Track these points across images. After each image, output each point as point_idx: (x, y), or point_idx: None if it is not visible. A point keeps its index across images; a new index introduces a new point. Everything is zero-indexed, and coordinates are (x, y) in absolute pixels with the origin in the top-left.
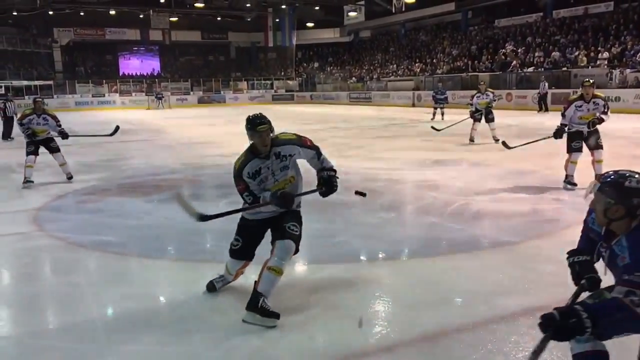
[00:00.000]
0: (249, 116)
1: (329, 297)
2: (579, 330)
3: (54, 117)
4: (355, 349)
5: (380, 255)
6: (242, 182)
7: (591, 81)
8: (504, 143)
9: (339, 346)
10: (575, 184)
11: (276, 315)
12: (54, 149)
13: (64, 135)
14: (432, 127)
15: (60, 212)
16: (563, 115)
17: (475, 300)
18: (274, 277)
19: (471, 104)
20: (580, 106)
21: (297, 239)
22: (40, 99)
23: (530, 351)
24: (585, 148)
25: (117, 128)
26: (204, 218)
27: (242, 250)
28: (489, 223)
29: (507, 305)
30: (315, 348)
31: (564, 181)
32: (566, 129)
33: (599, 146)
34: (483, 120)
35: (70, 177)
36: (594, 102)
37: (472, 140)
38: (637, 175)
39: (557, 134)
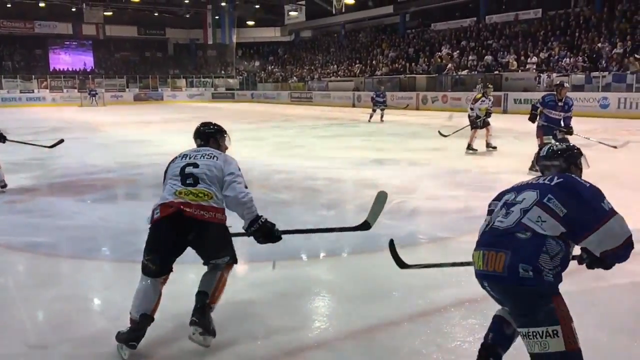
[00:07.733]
0: (215, 124)
1: (268, 294)
2: None
3: None
4: (294, 344)
5: (320, 252)
6: None
7: None
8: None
9: (278, 342)
10: None
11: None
12: None
13: (1, 137)
14: (439, 132)
15: None
16: None
17: (411, 293)
18: None
19: (472, 109)
20: None
21: None
22: None
23: None
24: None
25: (61, 141)
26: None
27: None
28: (425, 220)
29: (441, 298)
30: (254, 345)
31: None
32: None
33: None
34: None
35: (3, 186)
36: None
37: (474, 149)
38: None
39: None
